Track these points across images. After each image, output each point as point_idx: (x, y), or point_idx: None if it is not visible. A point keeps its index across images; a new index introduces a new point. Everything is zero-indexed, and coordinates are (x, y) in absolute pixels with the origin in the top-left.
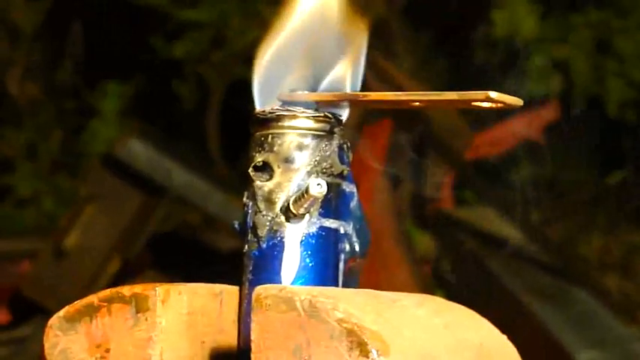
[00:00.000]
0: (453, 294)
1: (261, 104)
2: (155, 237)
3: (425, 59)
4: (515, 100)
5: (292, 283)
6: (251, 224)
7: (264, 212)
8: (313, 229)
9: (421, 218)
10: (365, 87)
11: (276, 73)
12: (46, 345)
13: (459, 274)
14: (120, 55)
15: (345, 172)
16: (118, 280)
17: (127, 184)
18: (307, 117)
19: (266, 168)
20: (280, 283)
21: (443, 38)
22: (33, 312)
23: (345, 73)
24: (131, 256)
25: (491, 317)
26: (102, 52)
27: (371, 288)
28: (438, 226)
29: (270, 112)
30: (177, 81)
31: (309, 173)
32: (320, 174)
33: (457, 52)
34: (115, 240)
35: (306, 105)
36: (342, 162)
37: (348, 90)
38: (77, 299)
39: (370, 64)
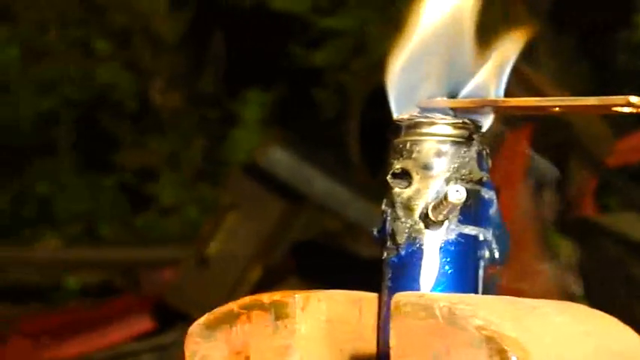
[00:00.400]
0: (596, 301)
1: (398, 111)
2: (296, 244)
3: (567, 63)
4: None
5: (431, 290)
6: (390, 231)
7: (402, 219)
8: (452, 236)
9: (564, 225)
10: (506, 92)
11: (414, 79)
12: (187, 352)
13: (602, 281)
14: (261, 64)
15: (485, 179)
16: (259, 288)
17: (268, 192)
18: (446, 123)
19: (405, 175)
20: (419, 290)
21: (585, 42)
22: (177, 319)
23: (489, 80)
24: (272, 263)
25: (636, 325)
26: (243, 61)
27: (512, 295)
28: (580, 233)
29: (408, 119)
30: (317, 89)
31: (448, 180)
32: (459, 180)
33: (600, 55)
34: (257, 248)
35: (445, 111)
36: (481, 168)
37: (490, 96)
38: (219, 307)
39: (512, 68)
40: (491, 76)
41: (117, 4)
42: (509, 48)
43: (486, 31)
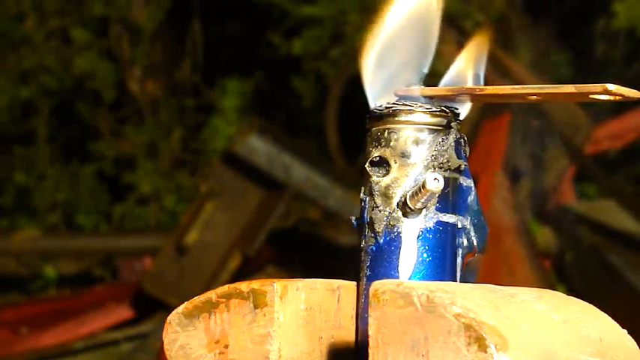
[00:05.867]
0: (574, 288)
1: (375, 100)
2: (275, 233)
3: (545, 52)
4: (634, 93)
5: (409, 278)
6: (368, 219)
7: (381, 207)
8: (430, 224)
9: (542, 213)
10: (484, 81)
11: (390, 68)
12: (165, 341)
13: (580, 268)
14: (239, 52)
15: (462, 167)
16: (238, 276)
17: (247, 181)
18: (424, 111)
19: (383, 163)
20: (397, 278)
21: (563, 31)
22: (155, 308)
23: (467, 68)
24: (251, 251)
25: (612, 312)
26: (221, 49)
27: (491, 283)
28: (558, 221)
29: (386, 107)
30: (296, 77)
31: (426, 168)
32: (437, 168)
33: (577, 44)
34: (236, 236)
35: (422, 100)
36: (459, 156)
37: (468, 85)
38: (198, 295)
39: (490, 57)
40: (468, 65)
41: None
42: (485, 39)
43: (464, 20)
